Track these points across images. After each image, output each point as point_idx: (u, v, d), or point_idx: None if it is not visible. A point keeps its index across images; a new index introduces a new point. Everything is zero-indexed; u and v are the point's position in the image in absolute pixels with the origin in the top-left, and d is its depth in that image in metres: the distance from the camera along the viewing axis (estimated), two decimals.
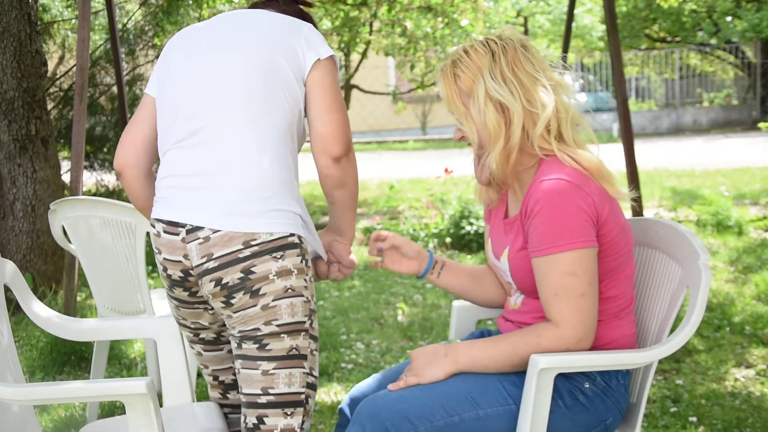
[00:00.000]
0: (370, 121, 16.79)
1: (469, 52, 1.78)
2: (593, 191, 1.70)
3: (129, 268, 3.02)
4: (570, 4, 4.97)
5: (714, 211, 6.56)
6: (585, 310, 1.67)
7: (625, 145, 4.10)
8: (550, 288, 1.68)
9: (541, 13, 16.86)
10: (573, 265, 1.66)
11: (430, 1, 7.84)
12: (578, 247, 1.66)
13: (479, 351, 1.75)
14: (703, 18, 17.45)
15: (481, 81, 1.74)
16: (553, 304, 1.68)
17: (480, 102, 1.75)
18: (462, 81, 1.77)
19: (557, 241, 1.66)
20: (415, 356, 1.81)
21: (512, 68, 1.75)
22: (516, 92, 1.74)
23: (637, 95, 19.62)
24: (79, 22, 3.84)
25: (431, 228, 6.65)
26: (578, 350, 1.68)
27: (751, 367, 3.54)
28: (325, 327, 4.39)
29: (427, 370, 1.76)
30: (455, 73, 1.79)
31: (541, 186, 1.70)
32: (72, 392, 1.55)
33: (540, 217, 1.68)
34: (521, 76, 1.75)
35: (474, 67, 1.76)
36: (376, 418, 1.71)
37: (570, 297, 1.66)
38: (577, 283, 1.66)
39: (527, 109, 1.74)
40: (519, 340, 1.72)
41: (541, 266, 1.69)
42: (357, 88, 8.86)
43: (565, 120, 1.76)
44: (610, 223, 1.73)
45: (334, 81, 1.82)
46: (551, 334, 1.68)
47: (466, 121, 1.79)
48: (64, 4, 6.27)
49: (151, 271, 5.89)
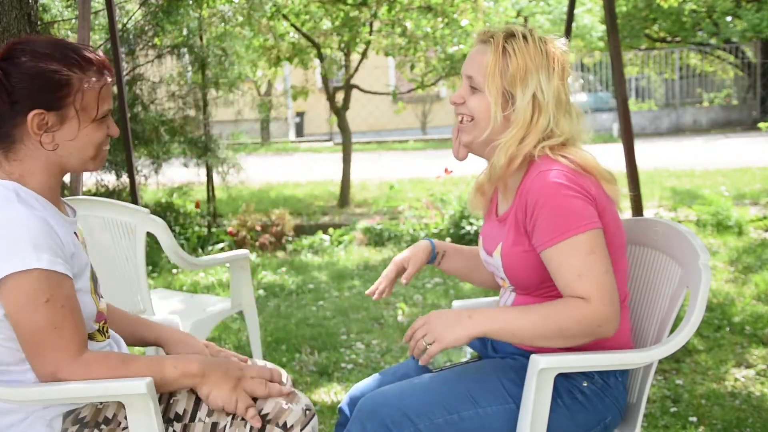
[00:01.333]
0: (370, 121, 16.79)
1: (527, 39, 1.76)
2: (588, 180, 1.72)
3: (129, 268, 3.02)
4: (570, 4, 4.97)
5: (714, 211, 6.56)
6: (612, 288, 1.64)
7: (625, 145, 4.10)
8: (573, 270, 1.64)
9: (541, 13, 16.86)
10: (590, 243, 1.65)
11: (430, 1, 7.84)
12: (592, 228, 1.65)
13: (510, 317, 1.66)
14: (703, 18, 17.44)
15: (536, 75, 1.74)
16: (580, 284, 1.63)
17: (528, 93, 1.73)
18: (511, 61, 1.74)
19: (570, 225, 1.65)
20: (433, 319, 1.69)
21: (558, 81, 1.76)
22: (553, 104, 1.75)
23: (637, 95, 19.62)
24: (79, 22, 3.83)
25: (431, 228, 6.65)
26: (609, 331, 1.64)
27: (751, 367, 3.54)
28: (325, 327, 4.40)
29: (448, 332, 1.65)
30: (506, 48, 1.75)
31: (537, 179, 1.70)
32: (72, 392, 1.54)
33: (544, 208, 1.67)
34: (561, 95, 1.77)
35: (528, 56, 1.74)
36: (375, 416, 1.71)
37: (596, 275, 1.64)
38: (599, 261, 1.65)
39: (551, 125, 1.75)
40: (551, 311, 1.65)
41: (558, 254, 1.66)
42: (357, 88, 8.85)
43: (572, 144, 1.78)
44: (607, 214, 1.73)
45: None
46: (584, 310, 1.62)
47: (496, 98, 1.75)
48: (64, 4, 6.26)
49: (150, 271, 5.90)
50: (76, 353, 1.54)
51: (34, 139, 1.59)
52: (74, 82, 1.60)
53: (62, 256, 1.55)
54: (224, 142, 7.67)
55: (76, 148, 1.63)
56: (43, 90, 1.57)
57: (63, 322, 1.52)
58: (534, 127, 1.74)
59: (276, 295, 5.22)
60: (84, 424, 1.62)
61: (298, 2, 7.99)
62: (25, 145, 1.61)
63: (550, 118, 1.74)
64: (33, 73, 1.57)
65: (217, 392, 1.62)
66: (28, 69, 1.57)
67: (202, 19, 7.10)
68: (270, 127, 18.56)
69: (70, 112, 1.60)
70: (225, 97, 7.59)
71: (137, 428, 1.57)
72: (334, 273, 5.76)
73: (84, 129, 1.62)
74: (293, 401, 1.68)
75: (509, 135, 1.75)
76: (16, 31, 4.17)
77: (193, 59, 7.22)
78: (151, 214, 3.03)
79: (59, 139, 1.61)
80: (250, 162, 8.34)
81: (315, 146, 17.89)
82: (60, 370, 1.53)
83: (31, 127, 1.58)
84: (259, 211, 7.26)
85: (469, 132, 1.82)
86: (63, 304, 1.52)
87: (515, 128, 1.75)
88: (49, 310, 1.51)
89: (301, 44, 8.34)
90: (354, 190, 9.61)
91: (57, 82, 1.58)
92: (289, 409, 1.66)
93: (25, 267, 1.49)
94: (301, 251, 6.60)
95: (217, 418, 1.64)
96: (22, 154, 1.61)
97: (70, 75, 1.59)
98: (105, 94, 1.65)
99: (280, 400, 1.67)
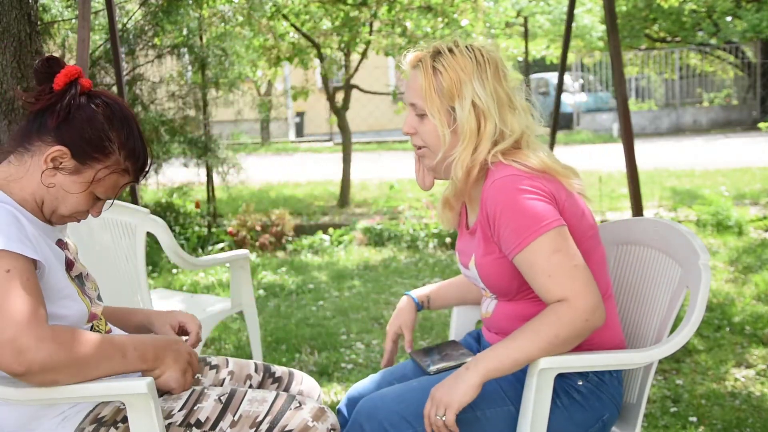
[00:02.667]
0: (370, 121, 16.78)
1: (454, 51, 1.77)
2: (543, 179, 1.72)
3: (129, 268, 3.02)
4: (570, 4, 4.97)
5: (714, 211, 6.56)
6: (586, 278, 1.65)
7: (625, 145, 4.10)
8: (543, 273, 1.66)
9: (541, 13, 16.84)
10: (554, 243, 1.66)
11: (430, 1, 7.84)
12: (552, 227, 1.66)
13: (503, 348, 1.66)
14: (703, 18, 17.44)
15: (469, 84, 1.74)
16: (552, 284, 1.65)
17: (467, 103, 1.74)
18: (443, 77, 1.75)
19: (530, 229, 1.66)
20: (435, 394, 1.67)
21: (494, 83, 1.76)
22: (494, 107, 1.75)
23: (637, 95, 19.61)
24: (79, 22, 3.84)
25: (431, 228, 6.65)
26: (599, 320, 1.65)
27: (751, 367, 3.54)
28: (325, 327, 4.40)
29: (454, 394, 1.63)
30: (435, 67, 1.77)
31: (492, 188, 1.71)
32: (72, 392, 1.54)
33: (503, 216, 1.69)
34: (500, 93, 1.77)
35: (458, 67, 1.75)
36: (374, 418, 1.71)
37: (566, 271, 1.65)
38: (566, 257, 1.66)
39: (499, 127, 1.75)
40: (536, 325, 1.65)
41: (525, 259, 1.68)
42: (357, 88, 8.85)
43: (525, 141, 1.79)
44: (568, 209, 1.74)
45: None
46: (566, 310, 1.63)
47: (439, 117, 1.77)
48: (64, 4, 6.26)
49: (150, 271, 5.90)
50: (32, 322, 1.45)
51: (40, 166, 1.63)
52: (112, 159, 1.65)
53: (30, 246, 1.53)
54: (224, 142, 7.67)
55: (60, 200, 1.66)
56: (86, 140, 1.63)
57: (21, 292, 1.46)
58: (483, 134, 1.75)
59: (276, 295, 5.22)
60: (102, 423, 1.62)
61: (298, 2, 7.99)
62: (31, 160, 1.64)
63: (495, 121, 1.75)
64: (95, 124, 1.63)
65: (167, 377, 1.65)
66: (93, 115, 1.63)
67: (202, 19, 7.10)
68: (270, 127, 18.58)
69: (85, 173, 1.64)
70: (225, 97, 7.59)
71: (138, 428, 1.57)
72: (334, 273, 5.77)
73: (82, 194, 1.66)
74: (320, 419, 1.67)
75: (460, 148, 1.76)
76: (16, 31, 4.16)
77: (193, 59, 7.22)
78: (151, 214, 3.03)
79: (58, 181, 1.64)
80: (250, 162, 8.34)
81: (315, 146, 17.89)
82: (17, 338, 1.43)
83: (48, 155, 1.61)
84: (259, 211, 7.26)
85: (428, 157, 1.83)
86: (26, 280, 1.48)
87: (464, 140, 1.75)
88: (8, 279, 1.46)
89: (301, 44, 8.34)
90: (354, 190, 9.61)
91: (102, 147, 1.64)
92: (314, 427, 1.65)
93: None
94: (301, 251, 6.60)
95: (239, 429, 1.64)
96: (24, 163, 1.64)
97: (115, 151, 1.65)
98: (120, 188, 1.71)
99: (306, 416, 1.66)
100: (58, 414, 1.63)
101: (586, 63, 19.35)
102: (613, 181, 9.41)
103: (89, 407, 1.65)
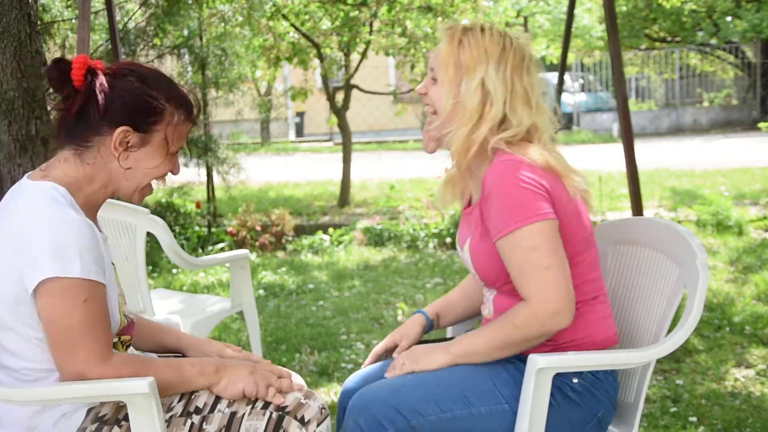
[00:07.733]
0: (370, 121, 16.78)
1: (485, 32, 1.81)
2: (544, 174, 1.73)
3: (129, 268, 3.03)
4: (570, 4, 4.97)
5: (714, 211, 6.56)
6: (553, 283, 1.66)
7: (625, 145, 4.10)
8: (514, 267, 1.70)
9: (541, 13, 16.84)
10: (533, 239, 1.67)
11: (430, 1, 7.84)
12: (535, 221, 1.67)
13: (470, 339, 1.80)
14: (703, 18, 17.43)
15: (485, 65, 1.77)
16: (520, 281, 1.70)
17: (474, 82, 1.77)
18: (465, 52, 1.80)
19: (514, 218, 1.68)
20: (415, 348, 1.87)
21: (513, 73, 1.79)
22: (506, 95, 1.77)
23: (637, 95, 19.60)
24: (79, 22, 3.84)
25: (431, 228, 6.65)
26: (557, 325, 1.67)
27: (751, 367, 3.54)
28: (325, 327, 4.40)
29: (423, 357, 1.81)
30: (461, 41, 1.81)
31: (491, 171, 1.74)
32: (73, 392, 1.55)
33: (496, 198, 1.71)
34: (517, 85, 1.78)
35: (482, 48, 1.79)
36: (368, 411, 1.72)
37: (535, 271, 1.67)
38: (540, 257, 1.67)
39: (506, 115, 1.77)
40: (498, 324, 1.74)
41: (505, 247, 1.71)
42: (357, 88, 8.84)
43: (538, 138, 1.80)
44: (564, 207, 1.74)
45: None
46: (524, 312, 1.69)
47: (448, 88, 1.81)
48: (64, 4, 6.26)
49: (150, 271, 5.90)
50: (107, 355, 1.57)
51: (112, 154, 1.67)
52: (166, 114, 1.69)
53: (102, 267, 1.60)
54: (224, 142, 7.67)
55: (141, 174, 1.71)
56: (137, 110, 1.67)
57: (98, 323, 1.56)
58: (485, 116, 1.77)
59: (276, 295, 5.22)
60: (104, 421, 1.63)
61: (298, 2, 7.99)
62: (98, 154, 1.68)
63: (502, 108, 1.77)
64: (135, 92, 1.67)
65: (236, 379, 1.68)
66: (131, 88, 1.67)
67: (202, 20, 7.10)
68: (270, 127, 18.56)
69: (152, 138, 1.69)
70: (225, 97, 7.59)
71: (139, 428, 1.58)
72: (334, 273, 5.77)
73: (161, 160, 1.72)
74: (311, 398, 1.72)
75: (458, 123, 1.79)
76: (16, 31, 4.16)
77: (193, 59, 7.21)
78: (151, 214, 3.03)
79: (134, 160, 1.69)
80: (250, 162, 8.33)
81: (315, 146, 17.88)
82: (89, 370, 1.55)
83: (115, 141, 1.65)
84: (259, 211, 7.26)
85: (433, 123, 1.86)
86: (99, 307, 1.57)
87: (463, 116, 1.79)
88: (86, 310, 1.54)
89: (300, 44, 8.34)
90: (354, 190, 9.61)
91: (153, 108, 1.68)
92: (307, 404, 1.70)
93: (67, 274, 1.53)
94: (301, 251, 6.61)
95: (236, 407, 1.67)
96: (92, 160, 1.68)
97: (165, 106, 1.69)
98: (185, 133, 1.75)
99: (298, 395, 1.71)
100: (59, 413, 1.63)
101: (586, 63, 19.35)
102: (613, 181, 9.41)
103: (90, 406, 1.66)
